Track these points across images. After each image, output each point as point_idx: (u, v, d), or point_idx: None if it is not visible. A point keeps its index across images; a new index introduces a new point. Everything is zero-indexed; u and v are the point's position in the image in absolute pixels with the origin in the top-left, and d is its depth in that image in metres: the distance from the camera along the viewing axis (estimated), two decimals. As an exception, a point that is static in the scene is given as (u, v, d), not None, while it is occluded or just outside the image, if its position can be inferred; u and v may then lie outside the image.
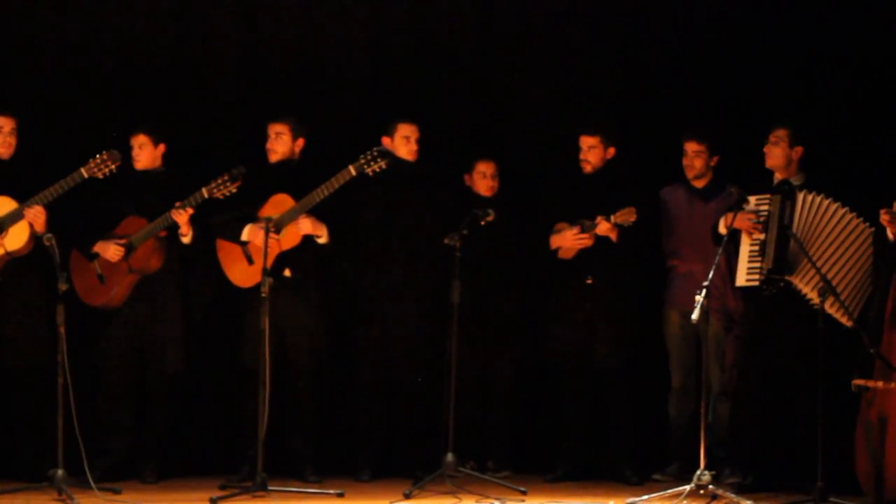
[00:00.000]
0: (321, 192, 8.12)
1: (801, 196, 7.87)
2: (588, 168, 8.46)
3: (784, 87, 8.71)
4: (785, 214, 7.85)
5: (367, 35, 9.09)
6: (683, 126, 8.53)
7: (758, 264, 7.91)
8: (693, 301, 7.52)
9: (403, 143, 8.53)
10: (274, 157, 8.43)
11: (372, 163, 8.08)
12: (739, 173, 8.18)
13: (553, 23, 9.04)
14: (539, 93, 9.02)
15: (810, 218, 7.85)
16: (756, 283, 7.92)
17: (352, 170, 8.10)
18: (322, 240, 8.26)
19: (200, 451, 8.65)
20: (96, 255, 8.26)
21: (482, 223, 8.13)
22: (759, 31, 8.83)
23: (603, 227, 8.26)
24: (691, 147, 8.46)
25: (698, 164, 8.46)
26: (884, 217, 7.50)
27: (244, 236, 8.27)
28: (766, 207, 7.93)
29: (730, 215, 7.93)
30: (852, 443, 7.57)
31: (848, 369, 7.53)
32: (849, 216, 7.84)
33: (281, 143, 8.42)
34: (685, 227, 8.48)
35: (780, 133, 8.03)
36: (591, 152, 8.46)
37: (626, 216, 8.19)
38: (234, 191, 8.12)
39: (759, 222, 7.91)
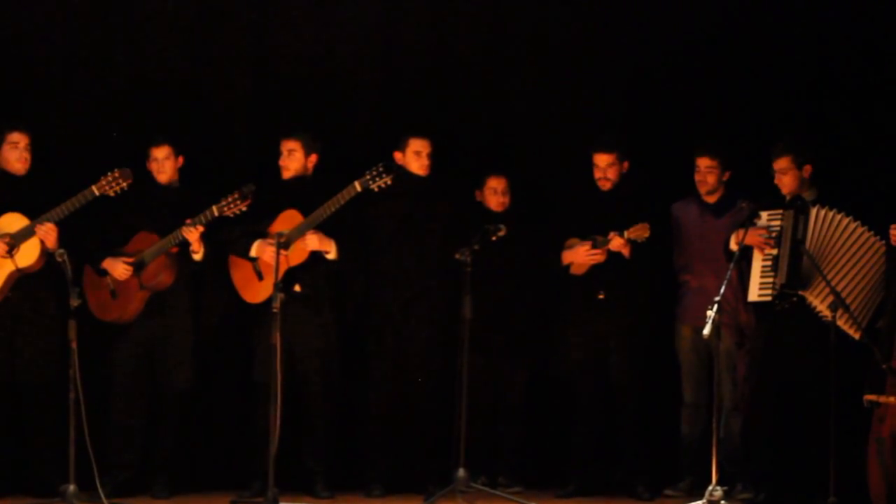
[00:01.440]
0: (327, 209, 8.14)
1: (814, 211, 7.87)
2: (608, 185, 8.46)
3: (794, 102, 8.71)
4: (798, 230, 7.85)
5: (379, 50, 9.11)
6: (695, 141, 8.52)
7: (770, 280, 7.90)
8: (705, 316, 7.50)
9: (415, 158, 8.54)
10: (287, 174, 8.45)
11: (377, 178, 8.08)
12: (751, 187, 8.17)
13: (565, 39, 9.05)
14: (550, 108, 9.03)
15: (823, 233, 7.84)
16: (769, 299, 7.92)
17: (357, 186, 8.12)
18: (331, 255, 8.27)
19: (212, 466, 8.68)
20: (106, 272, 8.29)
21: (493, 238, 8.12)
22: (771, 45, 8.84)
23: (616, 243, 8.25)
24: (704, 163, 8.46)
25: (711, 179, 8.46)
26: (893, 233, 7.53)
27: (253, 252, 8.29)
28: (777, 223, 7.92)
29: (741, 232, 7.94)
30: (865, 458, 7.53)
31: (860, 384, 7.50)
32: (860, 230, 7.84)
33: (294, 160, 8.44)
34: (697, 242, 8.48)
35: (783, 163, 7.98)
36: (611, 169, 8.46)
37: (640, 232, 8.19)
38: (244, 209, 8.13)
39: (771, 238, 7.91)
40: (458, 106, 9.05)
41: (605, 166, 8.45)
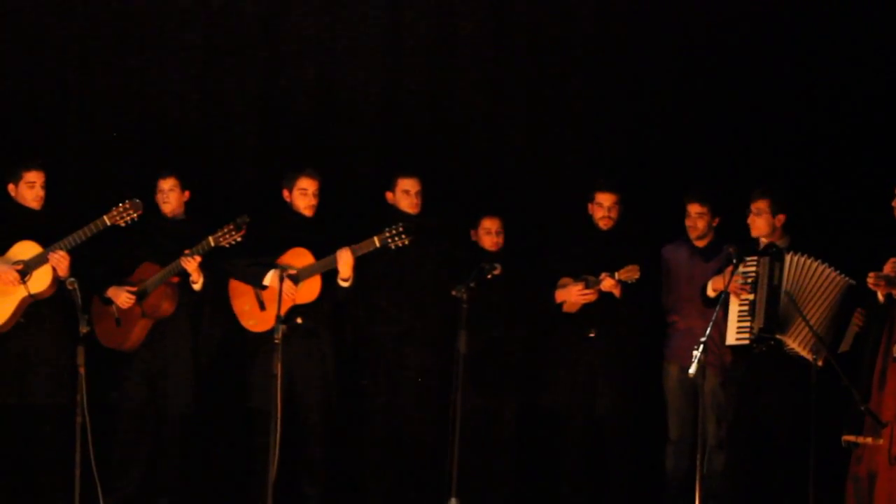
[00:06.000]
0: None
1: (788, 257, 7.95)
2: (610, 224, 8.60)
3: (783, 153, 8.89)
4: (774, 276, 7.94)
5: (378, 91, 9.24)
6: (686, 185, 8.65)
7: (747, 323, 8.00)
8: (691, 355, 7.56)
9: (403, 196, 8.65)
10: (311, 212, 8.56)
11: (396, 238, 8.19)
12: (741, 235, 8.26)
13: (559, 83, 9.20)
14: (543, 152, 9.19)
15: (797, 278, 7.94)
16: (746, 342, 8.02)
17: (376, 241, 8.24)
18: (347, 284, 8.37)
19: (213, 489, 8.74)
20: (111, 300, 8.41)
21: (489, 277, 8.21)
22: (763, 96, 9.00)
23: (607, 284, 8.36)
24: (694, 209, 8.60)
25: (701, 225, 8.60)
26: (870, 281, 7.59)
27: (266, 281, 8.36)
28: (753, 269, 8.03)
29: (718, 278, 8.10)
30: (842, 497, 7.66)
31: (838, 424, 7.62)
32: (828, 271, 7.92)
33: (314, 198, 8.54)
34: (685, 284, 8.60)
35: (761, 205, 8.11)
36: (614, 209, 8.61)
37: (630, 273, 8.31)
38: (238, 239, 8.20)
39: (747, 283, 8.01)
40: (454, 149, 9.18)
41: (609, 205, 8.57)
